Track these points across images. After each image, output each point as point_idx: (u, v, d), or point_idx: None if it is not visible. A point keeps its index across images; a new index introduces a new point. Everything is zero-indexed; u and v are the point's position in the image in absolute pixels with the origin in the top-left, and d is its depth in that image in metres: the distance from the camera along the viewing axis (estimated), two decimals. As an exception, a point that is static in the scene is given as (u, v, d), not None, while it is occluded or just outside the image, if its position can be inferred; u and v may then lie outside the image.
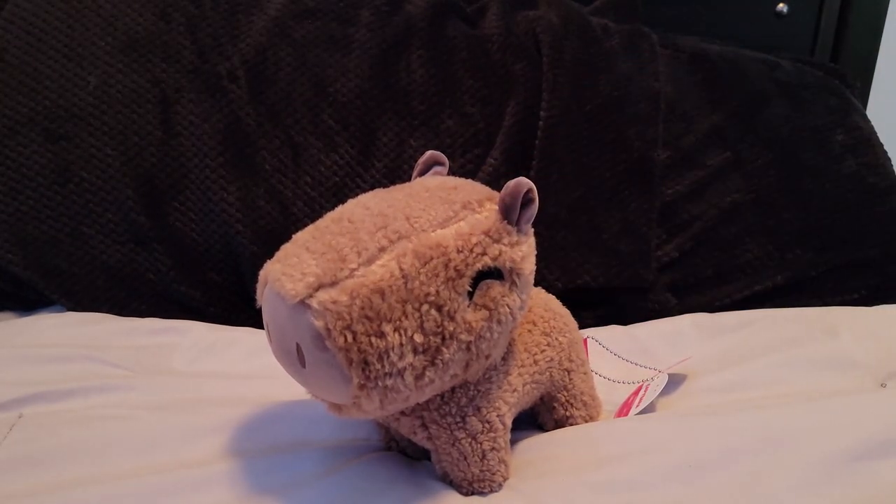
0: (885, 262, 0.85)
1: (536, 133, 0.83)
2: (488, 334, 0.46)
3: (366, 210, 0.46)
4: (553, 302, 0.60)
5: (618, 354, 0.73)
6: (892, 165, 0.91)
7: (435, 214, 0.46)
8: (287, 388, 0.48)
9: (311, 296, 0.42)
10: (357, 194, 0.50)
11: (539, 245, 0.51)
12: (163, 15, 0.84)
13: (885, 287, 0.85)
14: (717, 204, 0.86)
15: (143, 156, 0.80)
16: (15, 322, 0.78)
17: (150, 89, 0.81)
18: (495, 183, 0.80)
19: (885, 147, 0.92)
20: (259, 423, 0.58)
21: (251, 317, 0.81)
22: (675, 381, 0.68)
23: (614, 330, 0.78)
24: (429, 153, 0.54)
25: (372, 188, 0.81)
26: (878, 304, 0.82)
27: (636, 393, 0.65)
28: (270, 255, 0.47)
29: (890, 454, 0.51)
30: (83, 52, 0.82)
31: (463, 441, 0.50)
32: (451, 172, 0.81)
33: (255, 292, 0.47)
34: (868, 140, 0.91)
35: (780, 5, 1.06)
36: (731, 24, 1.06)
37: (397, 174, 0.82)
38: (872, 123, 0.93)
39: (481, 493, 0.52)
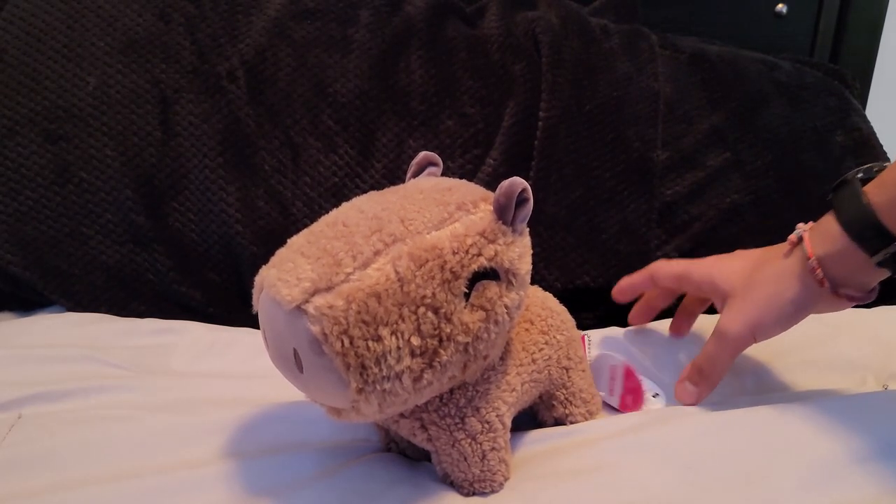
0: (884, 262, 0.85)
1: (536, 133, 0.83)
2: (485, 335, 0.46)
3: (360, 213, 0.46)
4: (550, 300, 0.60)
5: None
6: (891, 166, 0.91)
7: (430, 216, 0.46)
8: (286, 388, 0.48)
9: (307, 301, 0.42)
10: (356, 195, 0.50)
11: (538, 245, 0.51)
12: (162, 15, 0.84)
13: (884, 287, 0.84)
14: (716, 205, 0.86)
15: (143, 156, 0.80)
16: (14, 322, 0.78)
17: (150, 90, 0.81)
18: (494, 183, 0.78)
19: (885, 148, 0.92)
20: (258, 423, 0.58)
21: (251, 317, 0.79)
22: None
23: (613, 330, 0.78)
24: (422, 154, 0.53)
25: (371, 189, 0.81)
26: (876, 304, 0.81)
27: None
28: (270, 256, 0.47)
29: (893, 456, 0.50)
30: (82, 52, 0.82)
31: (463, 442, 0.50)
32: (451, 173, 0.82)
33: (254, 294, 0.48)
34: (868, 141, 0.91)
35: (780, 6, 1.06)
36: (731, 24, 1.06)
37: (397, 175, 0.82)
38: (872, 124, 0.93)
39: (482, 494, 0.52)
